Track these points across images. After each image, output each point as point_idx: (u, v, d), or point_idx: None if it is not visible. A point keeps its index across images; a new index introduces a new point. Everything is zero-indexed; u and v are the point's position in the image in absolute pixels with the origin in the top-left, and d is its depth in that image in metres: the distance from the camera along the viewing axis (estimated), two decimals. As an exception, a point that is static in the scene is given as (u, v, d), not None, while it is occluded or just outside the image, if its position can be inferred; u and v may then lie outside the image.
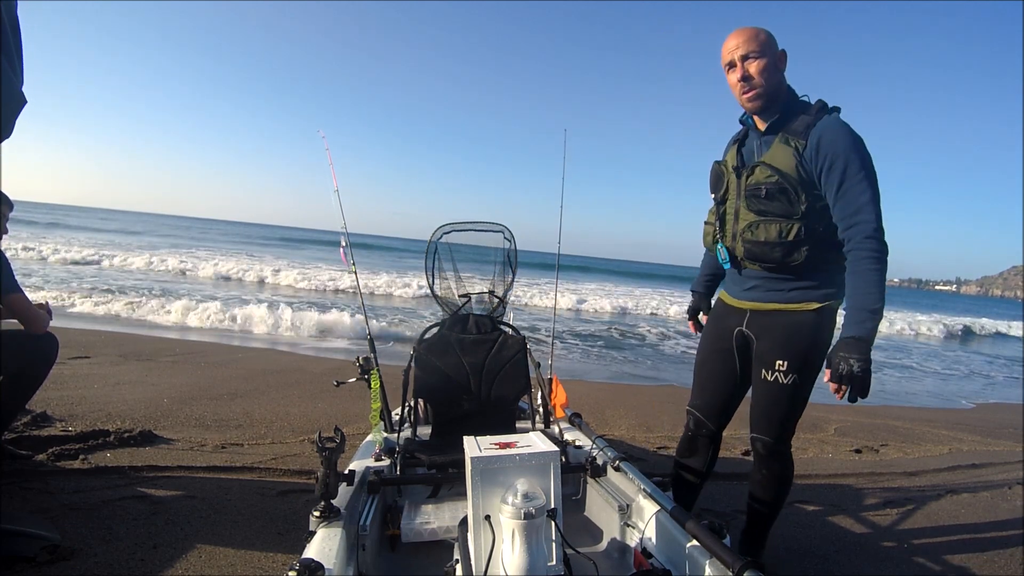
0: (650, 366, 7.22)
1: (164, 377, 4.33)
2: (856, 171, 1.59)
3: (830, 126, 1.64)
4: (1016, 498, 3.16)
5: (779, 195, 1.68)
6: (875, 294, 1.57)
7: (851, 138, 1.62)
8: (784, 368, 1.76)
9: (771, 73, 1.70)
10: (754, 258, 1.78)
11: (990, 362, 11.31)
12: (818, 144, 1.63)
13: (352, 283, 8.16)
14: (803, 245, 1.68)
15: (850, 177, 1.59)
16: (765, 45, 1.70)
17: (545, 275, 20.49)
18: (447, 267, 2.55)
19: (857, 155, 1.60)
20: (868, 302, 1.57)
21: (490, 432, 1.39)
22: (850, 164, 1.59)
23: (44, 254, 12.82)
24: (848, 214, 1.60)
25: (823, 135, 1.63)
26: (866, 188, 1.58)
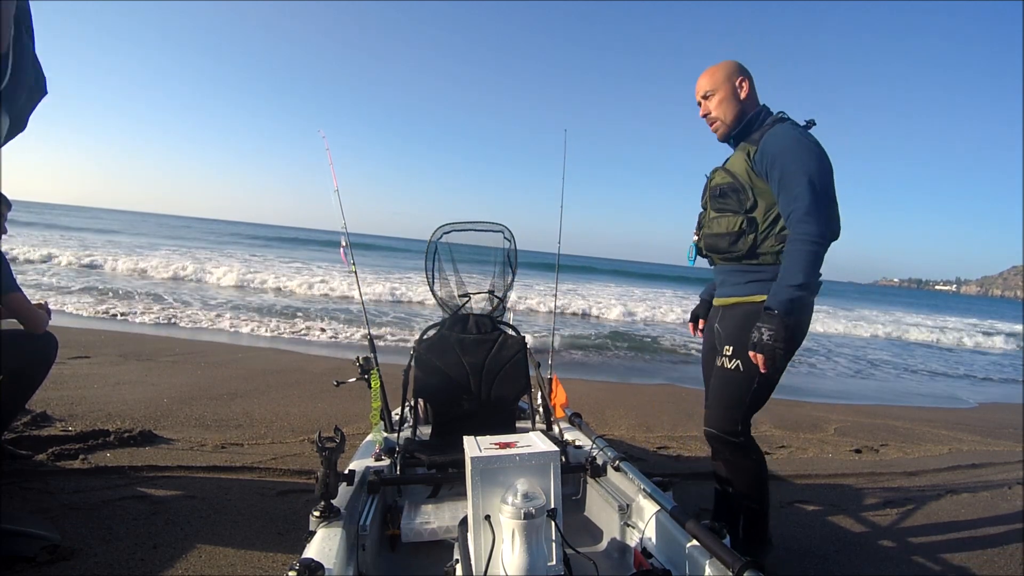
0: (650, 366, 7.22)
1: (164, 377, 4.33)
2: (793, 166, 1.73)
3: (775, 132, 1.82)
4: (1016, 498, 3.16)
5: (731, 193, 1.88)
6: (796, 271, 1.69)
7: (790, 139, 1.77)
8: (729, 353, 1.90)
9: (729, 104, 1.92)
10: (710, 249, 1.99)
11: None
12: (764, 148, 1.80)
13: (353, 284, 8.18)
14: (747, 235, 1.85)
15: (788, 172, 1.74)
16: (721, 80, 1.92)
17: (545, 275, 20.48)
18: (447, 267, 2.55)
19: (794, 153, 1.74)
20: (788, 278, 1.70)
21: (490, 432, 1.39)
22: (788, 161, 1.74)
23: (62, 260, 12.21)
24: (786, 204, 1.75)
25: (768, 139, 1.81)
26: (800, 179, 1.71)
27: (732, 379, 1.89)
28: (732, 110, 1.92)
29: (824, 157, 1.77)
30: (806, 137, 1.79)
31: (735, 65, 1.94)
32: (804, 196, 1.70)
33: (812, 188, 1.70)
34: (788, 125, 1.84)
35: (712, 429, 1.94)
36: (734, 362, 1.87)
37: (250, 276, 12.01)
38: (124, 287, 9.34)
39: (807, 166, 1.72)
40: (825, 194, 1.72)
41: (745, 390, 1.87)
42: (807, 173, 1.71)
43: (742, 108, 1.92)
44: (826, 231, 1.70)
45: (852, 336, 12.86)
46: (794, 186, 1.72)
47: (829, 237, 1.72)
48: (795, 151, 1.75)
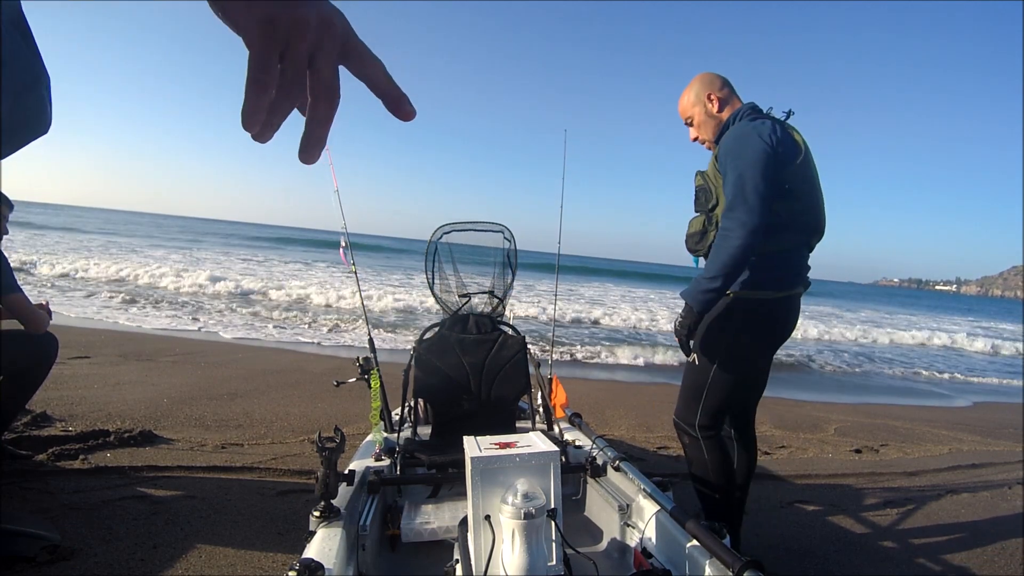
0: (650, 365, 7.22)
1: (164, 377, 4.33)
2: (730, 163, 1.76)
3: (729, 131, 1.86)
4: (1016, 498, 3.16)
5: (701, 194, 1.95)
6: (710, 265, 1.75)
7: (733, 137, 1.80)
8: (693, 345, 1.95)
9: (707, 123, 1.98)
10: (688, 249, 2.06)
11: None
12: (720, 148, 1.85)
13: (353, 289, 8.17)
14: (708, 232, 1.90)
15: (727, 168, 1.77)
16: (692, 103, 1.99)
17: (545, 276, 20.47)
18: (447, 267, 2.55)
19: (733, 151, 1.77)
20: (703, 271, 1.78)
21: (490, 432, 1.39)
22: (728, 159, 1.77)
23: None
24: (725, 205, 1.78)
25: (722, 140, 1.86)
26: (731, 175, 1.74)
27: (690, 371, 1.98)
28: (711, 128, 1.98)
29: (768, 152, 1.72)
30: (754, 131, 1.77)
31: (702, 81, 1.98)
32: (729, 192, 1.74)
33: (737, 184, 1.72)
34: (744, 122, 1.85)
35: (675, 417, 2.05)
36: (692, 355, 1.95)
37: (251, 276, 12.01)
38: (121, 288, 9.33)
39: (739, 162, 1.74)
40: (754, 190, 1.69)
41: (701, 382, 1.92)
42: (736, 169, 1.73)
43: (718, 121, 1.96)
44: (746, 228, 1.68)
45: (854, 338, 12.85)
46: (729, 183, 1.76)
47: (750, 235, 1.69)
48: (734, 148, 1.77)
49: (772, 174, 1.72)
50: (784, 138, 1.79)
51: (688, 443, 2.01)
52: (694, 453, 1.99)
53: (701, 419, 1.94)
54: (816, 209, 1.88)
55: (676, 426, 2.05)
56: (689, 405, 1.97)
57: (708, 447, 1.95)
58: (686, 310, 1.82)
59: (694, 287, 1.79)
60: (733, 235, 1.70)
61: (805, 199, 1.84)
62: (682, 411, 2.01)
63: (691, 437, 1.98)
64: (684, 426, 2.00)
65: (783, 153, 1.76)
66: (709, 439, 1.95)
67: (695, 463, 1.99)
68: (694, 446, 1.98)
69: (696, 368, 1.95)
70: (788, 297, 1.89)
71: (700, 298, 1.77)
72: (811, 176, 1.87)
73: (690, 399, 1.97)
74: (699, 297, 1.77)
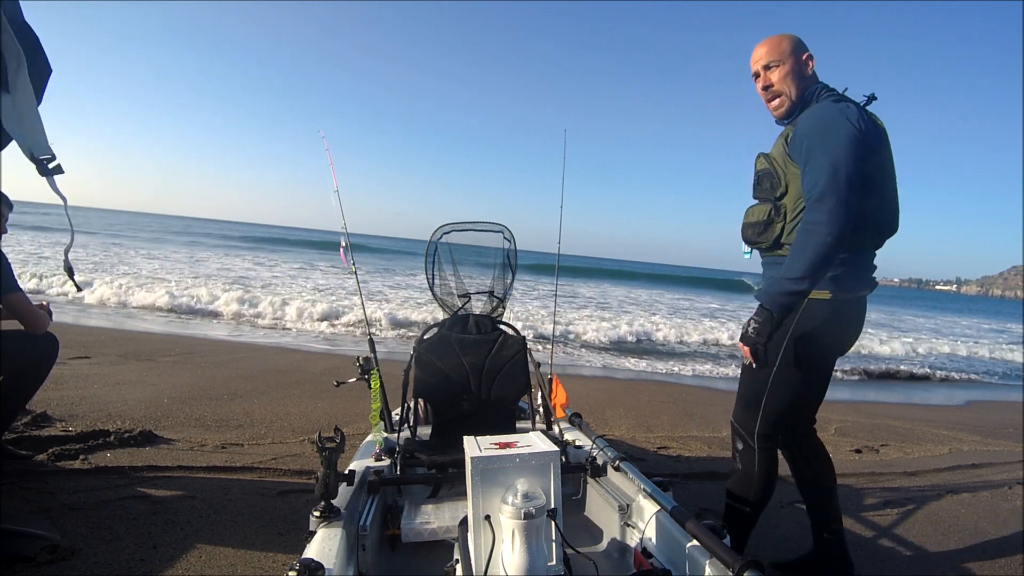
0: (650, 365, 7.22)
1: (164, 377, 4.33)
2: (817, 147, 1.57)
3: (812, 110, 1.67)
4: (1016, 498, 3.16)
5: (765, 179, 1.77)
6: (794, 263, 1.57)
7: (820, 117, 1.62)
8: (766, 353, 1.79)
9: (794, 79, 1.73)
10: (744, 240, 1.89)
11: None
12: (797, 128, 1.66)
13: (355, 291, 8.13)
14: (774, 224, 1.73)
15: (811, 154, 1.58)
16: (787, 52, 1.73)
17: (545, 277, 20.46)
18: (447, 267, 2.55)
19: (821, 132, 1.58)
20: (785, 270, 1.59)
21: (490, 432, 1.39)
22: (814, 141, 1.58)
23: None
24: (806, 190, 1.60)
25: (801, 119, 1.68)
26: (820, 161, 1.55)
27: (748, 374, 1.83)
28: (795, 86, 1.73)
29: (859, 136, 1.56)
30: (842, 114, 1.59)
31: (799, 39, 1.76)
32: (820, 181, 1.53)
33: (830, 172, 1.52)
34: (827, 102, 1.66)
35: (733, 420, 1.90)
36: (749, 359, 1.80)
37: (248, 277, 12.01)
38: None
39: (830, 147, 1.54)
40: (847, 180, 1.51)
41: (760, 387, 1.77)
42: (828, 155, 1.53)
43: (804, 87, 1.74)
44: (837, 222, 1.50)
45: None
46: (814, 168, 1.56)
47: (840, 230, 1.51)
48: (821, 131, 1.58)
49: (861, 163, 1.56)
50: (869, 124, 1.62)
51: (741, 450, 1.87)
52: (745, 461, 1.86)
53: (762, 427, 1.80)
54: (892, 204, 1.73)
55: (733, 429, 1.91)
56: (749, 410, 1.82)
57: (761, 460, 1.82)
58: (763, 315, 1.62)
59: (773, 288, 1.61)
60: (823, 229, 1.51)
61: (882, 193, 1.68)
62: (741, 415, 1.86)
63: (747, 446, 1.84)
64: (742, 432, 1.86)
65: (869, 141, 1.59)
66: (765, 451, 1.82)
67: (741, 472, 1.87)
68: (747, 456, 1.85)
69: (754, 371, 1.79)
70: (857, 299, 1.75)
71: (781, 301, 1.59)
72: (891, 168, 1.72)
73: (749, 404, 1.82)
74: (780, 300, 1.59)
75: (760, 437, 1.81)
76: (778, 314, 1.61)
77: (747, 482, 1.85)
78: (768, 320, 1.62)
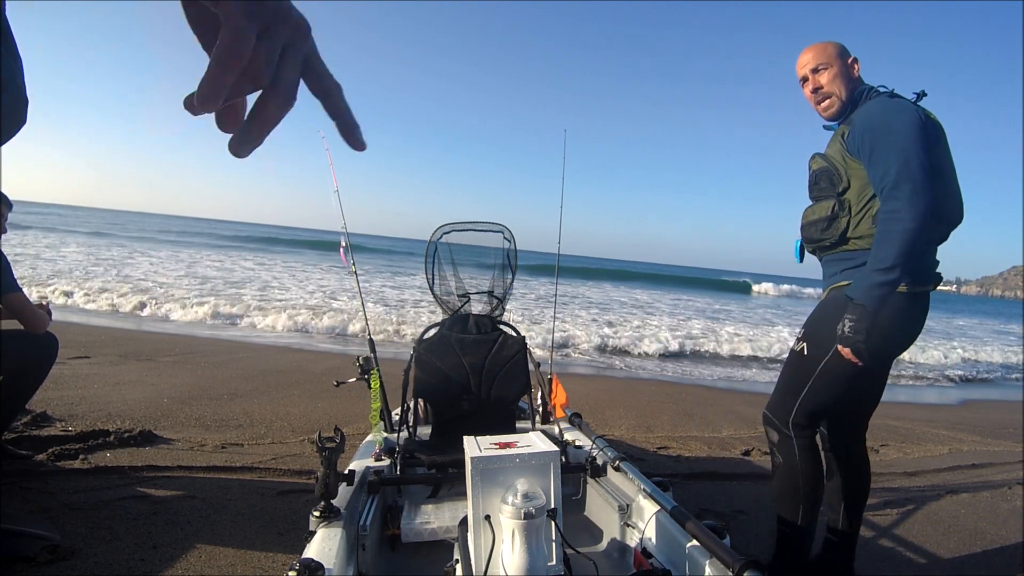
0: (650, 366, 7.22)
1: (164, 377, 4.33)
2: (881, 138, 1.58)
3: (868, 106, 1.69)
4: (1016, 498, 3.16)
5: (824, 177, 1.77)
6: (881, 253, 1.53)
7: (879, 110, 1.64)
8: (800, 335, 1.80)
9: (843, 81, 1.77)
10: (807, 240, 1.87)
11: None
12: (855, 124, 1.67)
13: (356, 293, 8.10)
14: (839, 218, 1.72)
15: (877, 145, 1.59)
16: (833, 55, 1.78)
17: (544, 277, 20.46)
18: (447, 267, 2.55)
19: (883, 124, 1.60)
20: (873, 262, 1.56)
21: (490, 432, 1.39)
22: (877, 133, 1.60)
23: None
24: (876, 180, 1.60)
25: (858, 115, 1.69)
26: (889, 151, 1.56)
27: (793, 362, 1.80)
28: (844, 87, 1.77)
29: (922, 126, 1.58)
30: (899, 106, 1.63)
31: (843, 45, 1.81)
32: (891, 169, 1.54)
33: (902, 160, 1.53)
34: (882, 97, 1.70)
35: (766, 410, 1.86)
36: (800, 344, 1.78)
37: (249, 276, 12.01)
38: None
39: (895, 137, 1.56)
40: (920, 167, 1.52)
41: (804, 376, 1.74)
42: (896, 144, 1.55)
43: (852, 87, 1.78)
44: (918, 207, 1.50)
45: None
46: (882, 160, 1.57)
47: (922, 215, 1.50)
48: (884, 122, 1.60)
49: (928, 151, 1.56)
50: (927, 118, 1.65)
51: (777, 441, 1.82)
52: (784, 453, 1.80)
53: (797, 416, 1.76)
54: (955, 196, 1.72)
55: (765, 420, 1.87)
56: (785, 399, 1.79)
57: (801, 449, 1.76)
58: (857, 311, 1.56)
59: (865, 283, 1.56)
60: (905, 215, 1.50)
61: (945, 184, 1.67)
62: (776, 404, 1.82)
63: (782, 435, 1.79)
64: (776, 421, 1.82)
65: (930, 133, 1.62)
66: (804, 440, 1.77)
67: (784, 467, 1.80)
68: (785, 446, 1.79)
69: (802, 358, 1.75)
70: (922, 294, 1.71)
71: (875, 294, 1.55)
72: (951, 162, 1.72)
73: (788, 392, 1.79)
74: (873, 293, 1.55)
75: (795, 425, 1.77)
76: (872, 307, 1.56)
77: (792, 474, 1.79)
78: (864, 315, 1.56)
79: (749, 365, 7.87)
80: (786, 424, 1.79)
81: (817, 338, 1.74)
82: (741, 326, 11.73)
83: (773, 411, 1.85)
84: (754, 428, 4.36)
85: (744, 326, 11.84)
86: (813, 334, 1.77)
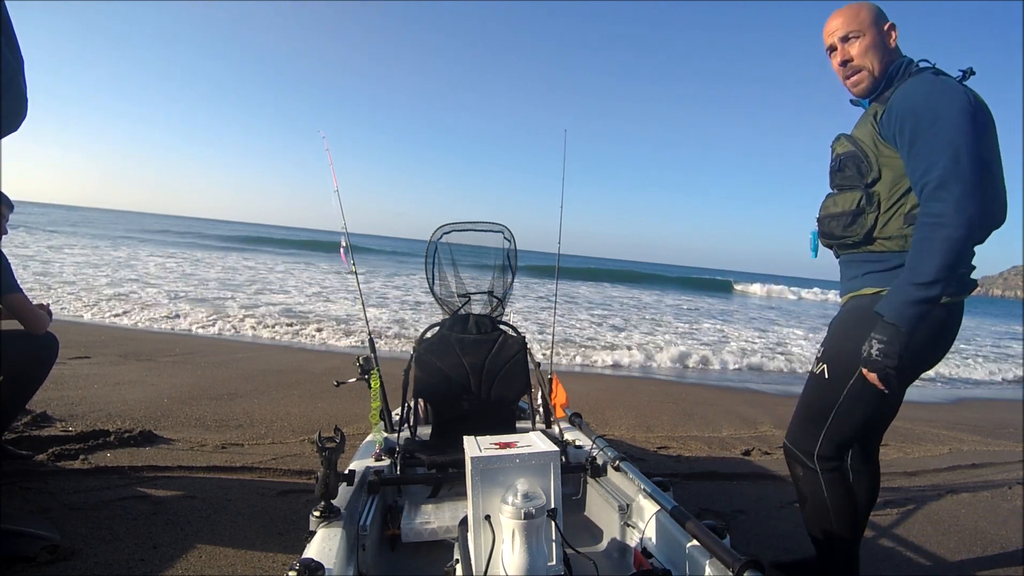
0: (650, 365, 7.22)
1: (164, 377, 4.33)
2: (926, 126, 1.35)
3: (907, 85, 1.45)
4: (1016, 498, 3.16)
5: (850, 164, 1.53)
6: (920, 264, 1.32)
7: (925, 91, 1.40)
8: (819, 355, 1.60)
9: (877, 52, 1.53)
10: (825, 235, 1.64)
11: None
12: (892, 105, 1.44)
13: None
14: (866, 214, 1.49)
15: (920, 134, 1.36)
16: (867, 22, 1.53)
17: (545, 278, 20.45)
18: (447, 267, 2.55)
19: (928, 109, 1.36)
20: (910, 274, 1.34)
21: (490, 432, 1.39)
22: (921, 119, 1.36)
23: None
24: (916, 175, 1.38)
25: (898, 94, 1.45)
26: (935, 142, 1.33)
27: (814, 386, 1.61)
28: (878, 59, 1.52)
29: (975, 114, 1.37)
30: (946, 88, 1.39)
31: (879, 8, 1.56)
32: (937, 164, 1.31)
33: (950, 155, 1.31)
34: (927, 75, 1.45)
35: (787, 441, 1.68)
36: (820, 366, 1.57)
37: (253, 277, 12.01)
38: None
39: (944, 125, 1.33)
40: (971, 165, 1.31)
41: (827, 402, 1.56)
42: (944, 135, 1.32)
43: (888, 61, 1.53)
44: (967, 212, 1.28)
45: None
46: (926, 152, 1.34)
47: (970, 221, 1.29)
48: (929, 106, 1.36)
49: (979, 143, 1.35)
50: (976, 102, 1.41)
51: (802, 476, 1.65)
52: (809, 489, 1.64)
53: (823, 448, 1.58)
54: (1001, 194, 1.51)
55: (786, 452, 1.69)
56: (807, 428, 1.61)
57: (828, 483, 1.60)
58: (888, 332, 1.35)
59: (899, 299, 1.35)
60: (951, 221, 1.28)
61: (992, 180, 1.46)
62: (797, 435, 1.65)
63: (806, 469, 1.62)
64: (798, 454, 1.65)
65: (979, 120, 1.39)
66: (830, 472, 1.60)
67: (810, 503, 1.65)
68: (809, 480, 1.62)
69: (824, 383, 1.56)
70: (958, 304, 1.52)
71: (910, 312, 1.33)
72: (998, 152, 1.50)
73: (810, 421, 1.61)
74: (908, 312, 1.33)
75: (820, 459, 1.60)
76: (906, 328, 1.35)
77: (821, 512, 1.63)
78: (896, 337, 1.35)
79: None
80: (811, 457, 1.61)
81: (840, 358, 1.54)
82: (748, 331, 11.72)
83: (795, 443, 1.66)
84: (754, 428, 4.36)
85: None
86: (834, 354, 1.56)
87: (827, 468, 1.60)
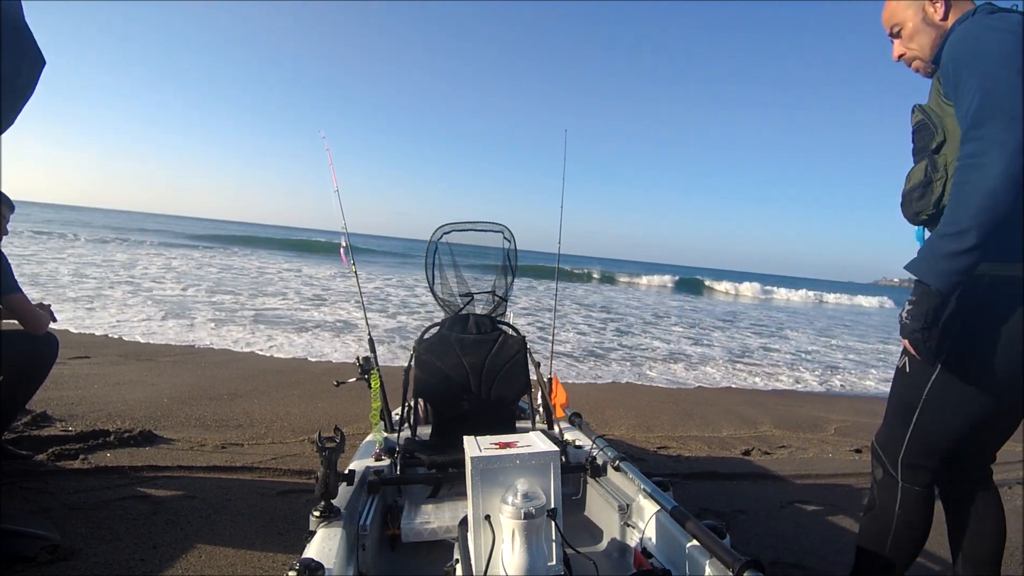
0: (650, 365, 7.21)
1: (164, 377, 4.33)
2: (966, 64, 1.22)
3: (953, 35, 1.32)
4: (1016, 498, 3.16)
5: (921, 134, 1.41)
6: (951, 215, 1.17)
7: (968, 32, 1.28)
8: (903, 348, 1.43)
9: (923, 35, 1.42)
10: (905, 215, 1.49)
11: None
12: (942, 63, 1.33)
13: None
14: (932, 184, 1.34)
15: (961, 74, 1.22)
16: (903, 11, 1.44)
17: (545, 279, 20.45)
18: (447, 267, 2.55)
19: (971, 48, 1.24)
20: (941, 226, 1.20)
21: (490, 432, 1.39)
22: (961, 60, 1.24)
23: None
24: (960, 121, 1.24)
25: (945, 48, 1.33)
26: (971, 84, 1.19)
27: (898, 382, 1.45)
28: (928, 39, 1.41)
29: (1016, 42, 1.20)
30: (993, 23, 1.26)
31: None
32: (973, 103, 1.17)
33: (986, 86, 1.16)
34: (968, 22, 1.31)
35: (875, 442, 1.52)
36: (903, 359, 1.42)
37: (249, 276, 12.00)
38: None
39: (979, 62, 1.20)
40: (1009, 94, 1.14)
41: (910, 400, 1.40)
42: (980, 68, 1.19)
43: (940, 32, 1.39)
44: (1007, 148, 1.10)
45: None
46: (966, 92, 1.21)
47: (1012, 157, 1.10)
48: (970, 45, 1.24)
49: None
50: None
51: (880, 480, 1.49)
52: (881, 496, 1.48)
53: (908, 454, 1.42)
54: None
55: (873, 452, 1.54)
56: (893, 429, 1.45)
57: (905, 496, 1.44)
58: (919, 291, 1.21)
59: (928, 253, 1.21)
60: (988, 159, 1.12)
61: None
62: (884, 436, 1.49)
63: (887, 475, 1.47)
64: (883, 457, 1.49)
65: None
66: (912, 489, 1.44)
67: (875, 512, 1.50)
68: (886, 487, 1.47)
69: (905, 378, 1.41)
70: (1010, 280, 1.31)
71: (940, 268, 1.17)
72: None
73: (895, 421, 1.44)
74: (940, 267, 1.17)
75: (905, 467, 1.43)
76: (940, 287, 1.19)
77: (883, 525, 1.48)
78: (926, 297, 1.20)
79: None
80: (894, 463, 1.45)
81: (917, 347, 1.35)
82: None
83: (882, 444, 1.50)
84: (754, 428, 4.36)
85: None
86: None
87: (910, 479, 1.45)
